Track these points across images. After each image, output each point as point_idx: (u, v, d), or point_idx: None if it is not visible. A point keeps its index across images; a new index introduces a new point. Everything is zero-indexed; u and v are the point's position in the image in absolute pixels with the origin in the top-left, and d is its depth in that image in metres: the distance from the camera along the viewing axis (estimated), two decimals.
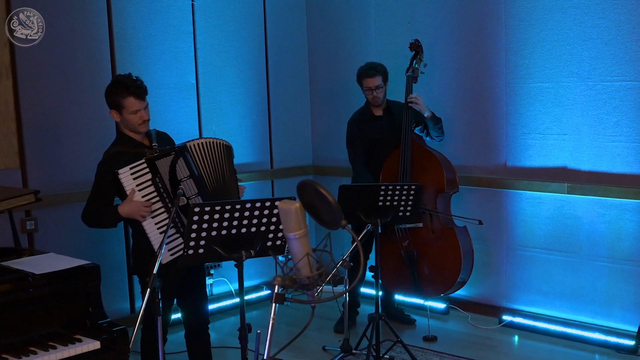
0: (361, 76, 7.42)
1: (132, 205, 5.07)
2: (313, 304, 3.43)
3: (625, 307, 6.89)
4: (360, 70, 7.43)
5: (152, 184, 5.13)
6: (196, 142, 5.31)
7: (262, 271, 8.62)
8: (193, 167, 5.20)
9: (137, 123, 5.30)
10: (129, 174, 5.06)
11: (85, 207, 5.32)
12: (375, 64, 7.41)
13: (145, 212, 5.08)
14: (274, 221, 4.69)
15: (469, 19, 7.67)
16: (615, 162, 6.81)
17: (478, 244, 7.66)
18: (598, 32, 6.78)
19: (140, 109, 5.29)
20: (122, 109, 5.28)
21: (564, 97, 7.05)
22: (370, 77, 7.34)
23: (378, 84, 7.34)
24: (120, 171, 5.04)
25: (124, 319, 7.13)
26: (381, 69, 7.39)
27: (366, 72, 7.37)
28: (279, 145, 8.90)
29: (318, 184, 3.35)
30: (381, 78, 7.35)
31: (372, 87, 7.35)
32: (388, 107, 7.54)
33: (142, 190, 5.11)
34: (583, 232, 7.08)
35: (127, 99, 5.25)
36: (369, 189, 6.46)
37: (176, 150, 5.18)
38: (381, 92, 7.39)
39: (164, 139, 5.56)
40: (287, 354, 5.70)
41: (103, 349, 4.47)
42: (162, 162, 5.14)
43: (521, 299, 7.59)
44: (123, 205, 5.11)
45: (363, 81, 7.40)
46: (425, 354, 6.82)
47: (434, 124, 7.37)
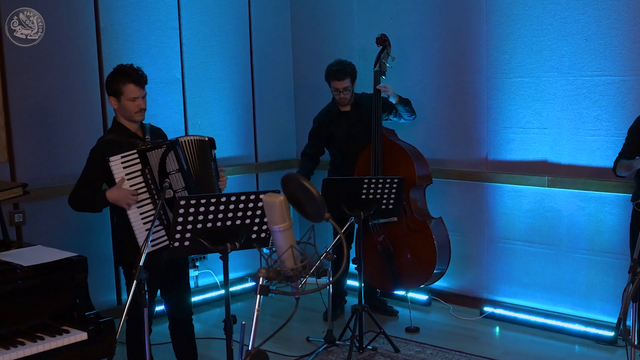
0: (329, 77, 7.40)
1: (121, 192, 5.11)
2: (297, 295, 3.43)
3: (605, 299, 6.94)
4: (329, 70, 7.40)
5: (141, 174, 5.18)
6: (188, 139, 5.36)
7: (247, 263, 8.64)
8: (183, 161, 5.25)
9: (134, 111, 5.36)
10: (120, 162, 5.12)
11: (73, 190, 5.37)
12: (345, 65, 7.37)
13: (131, 201, 5.13)
14: (258, 214, 4.73)
15: (450, 15, 7.70)
16: (595, 156, 6.87)
17: (459, 236, 7.75)
18: (578, 27, 6.83)
19: (138, 96, 5.36)
20: (120, 95, 5.34)
21: (545, 91, 7.11)
22: (339, 80, 7.33)
23: (346, 85, 7.34)
24: (112, 159, 5.11)
25: (110, 310, 7.17)
26: (350, 70, 7.37)
27: (335, 74, 7.34)
28: (264, 139, 8.94)
29: (302, 177, 3.38)
30: (349, 80, 7.35)
31: (340, 88, 7.36)
32: (356, 101, 7.56)
33: (130, 180, 5.15)
34: (563, 225, 7.14)
35: (127, 86, 5.32)
36: (352, 182, 6.52)
37: (168, 144, 5.24)
38: (348, 92, 7.39)
39: (158, 134, 5.62)
40: (271, 345, 5.79)
41: (90, 340, 4.48)
42: (154, 154, 5.19)
43: (502, 291, 7.64)
44: (112, 191, 5.14)
45: (331, 82, 7.39)
46: (407, 344, 6.87)
47: (404, 107, 7.41)
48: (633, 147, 6.03)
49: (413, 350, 6.72)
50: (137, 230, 5.17)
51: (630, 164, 5.91)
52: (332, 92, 7.48)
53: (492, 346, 6.89)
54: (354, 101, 7.54)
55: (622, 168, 6.02)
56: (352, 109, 7.54)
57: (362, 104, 7.54)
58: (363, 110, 7.51)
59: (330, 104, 7.64)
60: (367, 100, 7.53)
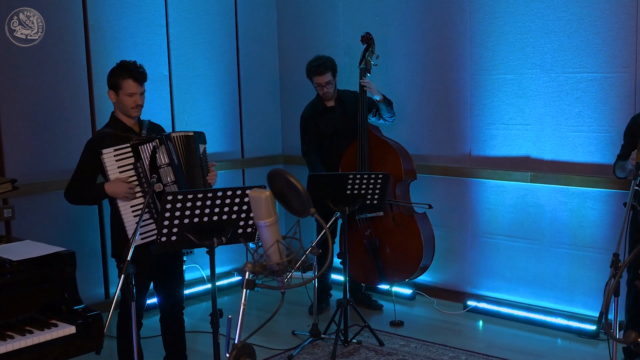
0: (310, 73, 7.44)
1: (119, 185, 5.18)
2: (283, 289, 3.48)
3: (587, 293, 6.99)
4: (309, 67, 7.44)
5: (133, 168, 5.25)
6: (179, 134, 5.44)
7: (233, 258, 8.67)
8: (174, 155, 5.32)
9: (131, 106, 5.43)
10: (113, 155, 5.19)
11: (69, 183, 5.43)
12: (324, 60, 7.42)
13: (129, 195, 5.21)
14: (244, 209, 4.79)
15: (434, 12, 7.74)
16: (577, 152, 6.92)
17: (443, 231, 7.79)
18: (560, 25, 6.88)
19: (136, 92, 5.44)
20: (119, 90, 5.42)
21: (527, 88, 7.17)
22: (320, 75, 7.37)
23: (328, 79, 7.38)
24: (104, 151, 5.17)
25: (98, 304, 7.20)
26: (330, 64, 7.41)
27: (316, 69, 7.38)
28: (250, 135, 8.97)
29: (288, 173, 3.39)
30: (331, 73, 7.38)
31: (323, 83, 7.40)
32: (339, 97, 7.59)
33: (122, 173, 5.22)
34: (546, 220, 7.19)
35: (126, 81, 5.40)
36: (337, 178, 6.57)
37: (159, 138, 5.31)
38: (331, 86, 7.43)
39: (157, 131, 5.69)
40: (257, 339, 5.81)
41: (78, 334, 4.48)
42: (145, 147, 5.27)
43: (485, 285, 7.69)
44: (110, 184, 5.21)
45: (313, 78, 7.43)
46: (392, 338, 6.91)
47: (386, 106, 7.44)
48: (628, 147, 6.05)
49: (397, 344, 6.77)
50: (126, 223, 5.24)
51: (623, 165, 5.96)
52: (315, 88, 7.51)
53: (476, 340, 6.94)
54: (337, 96, 7.58)
55: (619, 169, 6.08)
56: (336, 104, 7.58)
57: (345, 99, 7.59)
58: (347, 106, 7.55)
59: (315, 100, 7.67)
60: (350, 96, 7.60)
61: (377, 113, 7.54)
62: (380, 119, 7.57)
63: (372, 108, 7.51)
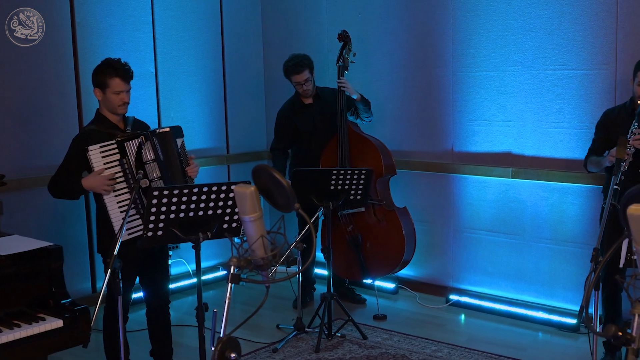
0: (288, 73, 7.47)
1: (96, 179, 5.22)
2: (267, 284, 3.48)
3: (568, 287, 7.05)
4: (287, 66, 7.47)
5: (119, 164, 5.28)
6: (163, 130, 5.49)
7: (219, 252, 8.72)
8: (159, 151, 5.37)
9: (117, 104, 5.48)
10: (98, 152, 5.22)
11: (53, 176, 5.47)
12: (300, 58, 7.45)
13: (107, 188, 5.24)
14: (230, 204, 4.84)
15: (417, 10, 7.79)
16: (558, 148, 6.99)
17: (426, 226, 7.86)
18: (541, 22, 6.95)
19: (123, 90, 5.48)
20: (106, 88, 5.46)
21: (509, 85, 7.23)
22: (298, 74, 7.41)
23: (306, 77, 7.42)
24: (90, 148, 5.21)
25: (85, 298, 7.24)
26: (307, 62, 7.45)
27: (293, 68, 7.41)
28: (235, 132, 9.01)
29: (272, 169, 3.41)
30: (308, 71, 7.42)
31: (301, 81, 7.44)
32: (317, 94, 7.64)
33: (108, 170, 5.26)
34: (527, 215, 7.26)
35: (113, 79, 5.44)
36: (321, 173, 6.63)
37: (145, 135, 5.36)
38: (310, 83, 7.48)
39: (141, 127, 5.73)
40: (242, 332, 5.90)
41: (65, 327, 4.51)
42: (131, 144, 5.31)
43: (467, 279, 7.76)
44: (87, 178, 5.26)
45: (292, 77, 7.47)
46: (375, 331, 6.97)
47: (364, 106, 7.48)
48: (601, 142, 6.10)
49: (380, 337, 6.82)
50: (113, 218, 5.27)
51: (599, 160, 5.99)
52: (294, 86, 7.55)
53: (458, 333, 7.00)
54: (316, 93, 7.62)
55: (592, 164, 6.10)
56: (314, 101, 7.62)
57: (323, 96, 7.63)
58: (325, 103, 7.60)
59: (293, 97, 7.71)
60: (329, 93, 7.64)
61: (355, 112, 7.59)
62: (357, 118, 7.62)
63: (350, 107, 7.55)
